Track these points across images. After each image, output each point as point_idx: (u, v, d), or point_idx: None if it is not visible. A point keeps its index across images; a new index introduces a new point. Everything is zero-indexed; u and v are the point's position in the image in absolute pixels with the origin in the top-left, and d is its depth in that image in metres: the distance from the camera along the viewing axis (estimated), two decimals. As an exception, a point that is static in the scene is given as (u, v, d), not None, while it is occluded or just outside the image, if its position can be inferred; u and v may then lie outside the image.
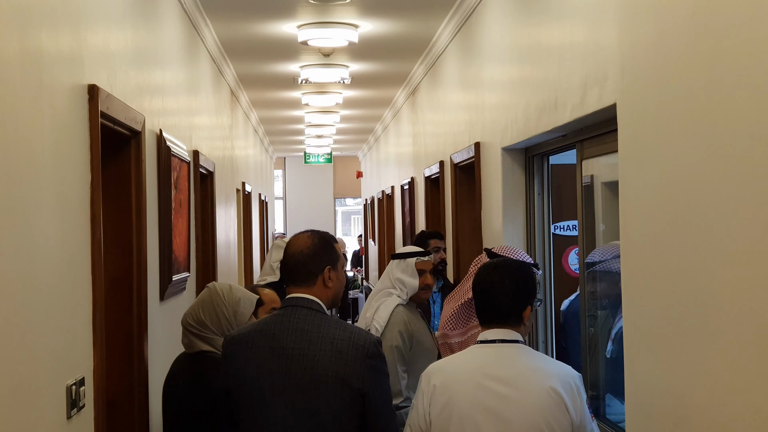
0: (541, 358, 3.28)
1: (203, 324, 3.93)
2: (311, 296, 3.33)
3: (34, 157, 2.74)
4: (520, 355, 3.17)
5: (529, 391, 3.06)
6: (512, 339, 3.19)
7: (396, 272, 4.81)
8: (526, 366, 3.14)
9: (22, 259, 2.60)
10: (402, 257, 4.88)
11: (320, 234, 3.46)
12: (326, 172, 23.64)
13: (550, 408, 3.04)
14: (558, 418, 3.04)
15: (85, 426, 3.22)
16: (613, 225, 4.07)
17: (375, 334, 4.50)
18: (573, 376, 3.14)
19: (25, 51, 2.69)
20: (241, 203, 11.06)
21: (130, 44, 4.34)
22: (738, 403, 2.49)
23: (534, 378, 3.09)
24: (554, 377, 3.10)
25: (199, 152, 6.59)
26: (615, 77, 3.49)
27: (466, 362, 3.22)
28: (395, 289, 4.79)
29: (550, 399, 3.04)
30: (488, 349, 3.19)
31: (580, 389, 3.12)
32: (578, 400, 3.09)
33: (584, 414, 3.10)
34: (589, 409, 3.13)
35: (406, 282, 4.78)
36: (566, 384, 3.09)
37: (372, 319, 4.70)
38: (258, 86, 10.76)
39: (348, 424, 3.23)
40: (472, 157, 6.51)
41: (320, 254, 3.38)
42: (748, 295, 2.42)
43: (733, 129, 2.49)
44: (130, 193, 4.18)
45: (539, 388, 3.06)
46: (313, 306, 3.32)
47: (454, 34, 7.28)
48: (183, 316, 4.00)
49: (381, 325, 4.63)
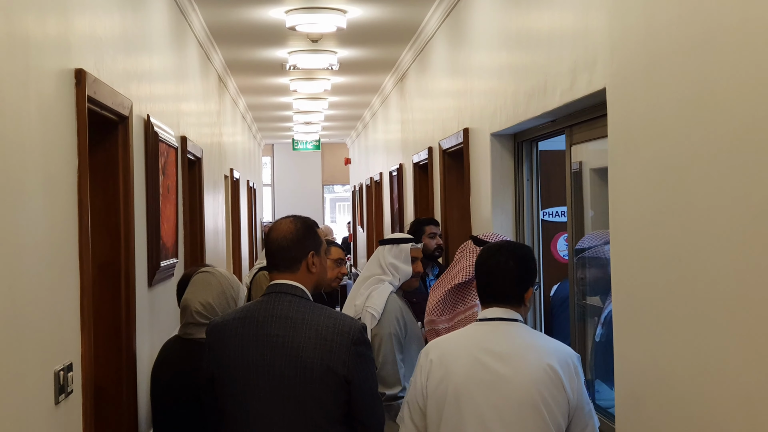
0: (540, 336, 3.28)
1: (212, 309, 3.91)
2: (295, 282, 3.31)
3: (20, 142, 2.72)
4: (518, 332, 3.18)
5: (526, 367, 3.06)
6: (511, 317, 3.21)
7: (388, 257, 4.67)
8: (524, 342, 3.14)
9: (8, 245, 2.59)
10: (395, 242, 4.75)
11: (302, 219, 3.42)
12: (314, 158, 23.62)
13: (546, 384, 3.03)
14: (554, 395, 3.04)
15: (73, 411, 3.21)
16: (601, 211, 4.07)
17: (371, 321, 4.42)
18: (572, 355, 3.15)
19: (11, 35, 2.67)
20: (229, 190, 11.04)
21: (118, 29, 4.31)
22: (728, 388, 2.50)
23: (531, 354, 3.09)
24: (552, 355, 3.10)
25: (187, 138, 6.57)
26: (605, 62, 3.48)
27: (464, 338, 3.24)
28: (386, 275, 4.64)
29: (547, 376, 3.04)
30: (487, 326, 3.21)
31: (578, 369, 3.12)
32: (576, 379, 3.09)
33: (581, 394, 3.10)
34: (587, 391, 3.14)
35: (400, 268, 4.66)
36: (564, 363, 3.09)
37: (364, 306, 4.54)
38: (246, 72, 10.72)
39: (334, 411, 3.21)
40: (460, 143, 6.50)
41: (303, 239, 3.35)
42: (737, 280, 2.42)
43: (723, 114, 2.49)
44: (117, 178, 4.16)
45: (536, 365, 3.06)
46: (297, 292, 3.29)
47: (443, 19, 7.26)
48: (187, 303, 3.95)
49: (378, 312, 4.47)
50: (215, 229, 8.99)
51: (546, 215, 6.01)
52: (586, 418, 3.10)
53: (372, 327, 4.43)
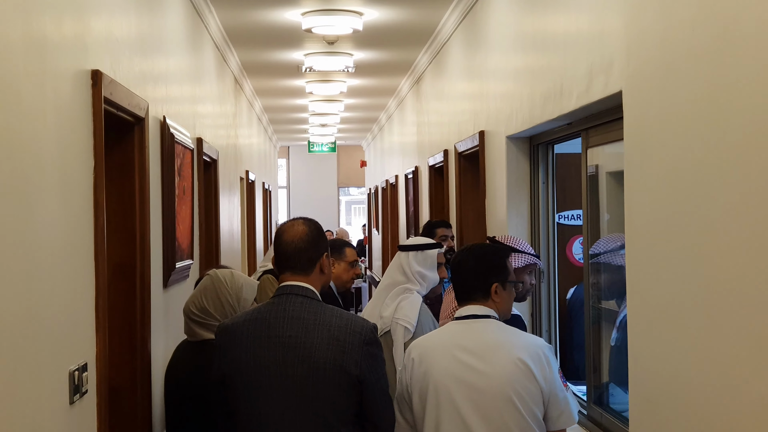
0: (510, 332, 3.38)
1: (206, 311, 3.92)
2: (306, 284, 3.32)
3: (37, 143, 2.73)
4: (488, 329, 3.34)
5: (497, 362, 3.23)
6: (483, 314, 3.37)
7: (414, 265, 4.36)
8: (494, 339, 3.30)
9: (25, 245, 2.60)
10: (420, 249, 4.44)
11: (312, 221, 3.45)
12: (330, 161, 23.62)
13: (518, 378, 3.19)
14: (527, 387, 3.19)
15: (88, 412, 3.21)
16: (617, 215, 4.06)
17: (405, 334, 4.20)
18: (541, 346, 3.30)
19: (28, 36, 2.68)
20: (244, 192, 11.05)
21: (134, 31, 4.33)
22: (742, 393, 2.49)
23: (501, 350, 3.26)
24: (522, 349, 3.25)
25: (203, 140, 6.58)
26: (621, 65, 3.47)
27: (441, 336, 3.42)
28: (413, 283, 4.35)
29: (518, 369, 3.20)
30: (461, 324, 3.38)
31: (550, 359, 3.26)
32: (547, 369, 3.23)
33: (554, 382, 3.24)
34: (562, 378, 3.27)
35: (428, 276, 4.38)
36: (534, 354, 3.24)
37: (392, 317, 4.26)
38: (262, 74, 10.74)
39: (345, 411, 3.22)
40: (476, 145, 6.49)
41: (317, 241, 3.37)
42: (752, 284, 2.41)
43: (739, 117, 2.48)
44: (133, 179, 4.17)
45: (506, 360, 3.22)
46: (308, 294, 3.30)
47: (459, 22, 7.26)
48: (185, 305, 4.00)
49: (412, 324, 4.21)
50: (230, 231, 9.01)
51: (561, 218, 5.99)
52: (561, 405, 3.25)
53: (406, 340, 4.19)
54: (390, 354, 4.23)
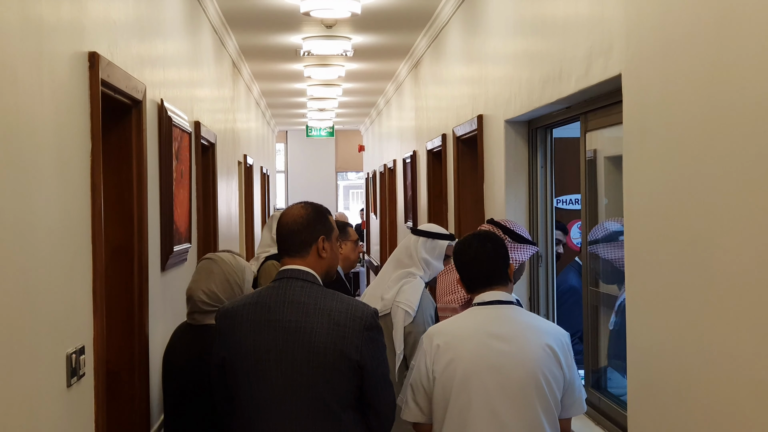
0: (536, 318, 3.57)
1: (217, 297, 3.90)
2: (306, 268, 3.31)
3: (34, 126, 2.72)
4: (517, 315, 3.46)
5: (528, 346, 3.34)
6: (507, 300, 3.48)
7: (422, 252, 4.45)
8: (524, 324, 3.42)
9: (22, 228, 2.59)
10: (432, 237, 4.51)
11: (314, 205, 3.44)
12: (328, 145, 23.60)
13: (546, 362, 3.32)
14: (553, 371, 3.33)
15: (86, 394, 3.21)
16: (615, 199, 4.05)
17: (405, 318, 4.30)
18: (564, 334, 3.45)
19: (25, 18, 2.67)
20: (242, 176, 11.04)
21: (132, 13, 4.31)
22: (740, 377, 2.48)
23: (531, 335, 3.38)
24: (549, 335, 3.40)
25: (201, 123, 6.56)
26: (620, 48, 3.46)
27: (468, 322, 3.46)
28: (417, 269, 4.43)
29: (546, 354, 3.33)
30: (487, 310, 3.45)
31: (570, 347, 3.42)
32: (569, 357, 3.39)
33: (573, 370, 3.40)
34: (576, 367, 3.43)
35: (432, 264, 4.46)
36: (559, 341, 3.39)
37: (394, 301, 4.35)
38: (260, 58, 10.71)
39: (345, 396, 3.22)
40: (474, 129, 6.48)
41: (314, 224, 3.36)
42: (751, 268, 2.41)
43: (740, 100, 2.47)
44: (131, 162, 4.16)
45: (536, 344, 3.34)
46: (308, 278, 3.29)
47: (458, 5, 7.23)
48: (191, 293, 3.95)
49: (413, 309, 4.30)
50: (228, 215, 9.00)
51: (560, 203, 5.99)
52: (576, 394, 3.40)
53: (406, 324, 4.30)
54: (390, 337, 4.25)
